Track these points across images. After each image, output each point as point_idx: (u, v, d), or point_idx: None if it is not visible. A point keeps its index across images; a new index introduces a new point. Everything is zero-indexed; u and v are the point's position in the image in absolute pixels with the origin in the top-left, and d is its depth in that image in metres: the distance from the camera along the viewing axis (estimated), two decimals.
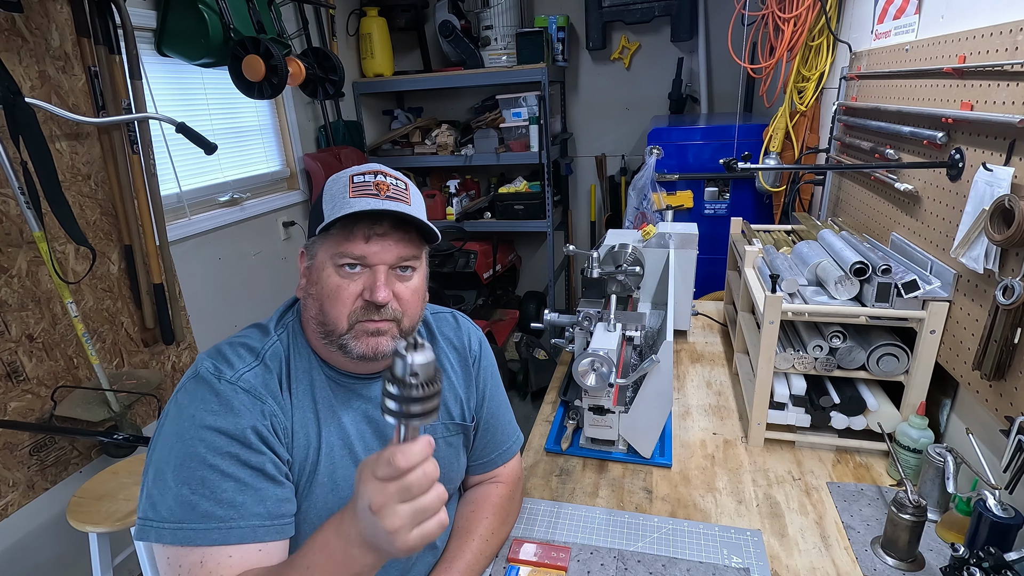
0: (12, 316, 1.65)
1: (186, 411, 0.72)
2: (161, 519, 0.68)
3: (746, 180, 2.51)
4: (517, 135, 3.13)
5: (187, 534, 0.68)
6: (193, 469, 0.69)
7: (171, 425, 0.72)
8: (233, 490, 0.70)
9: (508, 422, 1.03)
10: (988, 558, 0.76)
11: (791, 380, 1.22)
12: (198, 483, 0.69)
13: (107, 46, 1.83)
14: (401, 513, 0.55)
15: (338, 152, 2.96)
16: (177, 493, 0.68)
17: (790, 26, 1.94)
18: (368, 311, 0.77)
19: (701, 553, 0.95)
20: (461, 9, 3.20)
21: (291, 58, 2.28)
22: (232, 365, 0.76)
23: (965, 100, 1.04)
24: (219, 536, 0.68)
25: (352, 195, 0.76)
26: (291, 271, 2.86)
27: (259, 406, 0.75)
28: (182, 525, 0.68)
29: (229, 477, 0.70)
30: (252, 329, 0.84)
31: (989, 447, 0.99)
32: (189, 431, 0.70)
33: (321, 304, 0.78)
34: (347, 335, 0.78)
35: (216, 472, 0.70)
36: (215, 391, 0.73)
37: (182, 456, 0.70)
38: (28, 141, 1.48)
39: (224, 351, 0.79)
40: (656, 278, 1.65)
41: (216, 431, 0.71)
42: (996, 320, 0.90)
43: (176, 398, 0.74)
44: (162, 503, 0.69)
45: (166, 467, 0.70)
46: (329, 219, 0.75)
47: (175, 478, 0.69)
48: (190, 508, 0.68)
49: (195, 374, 0.75)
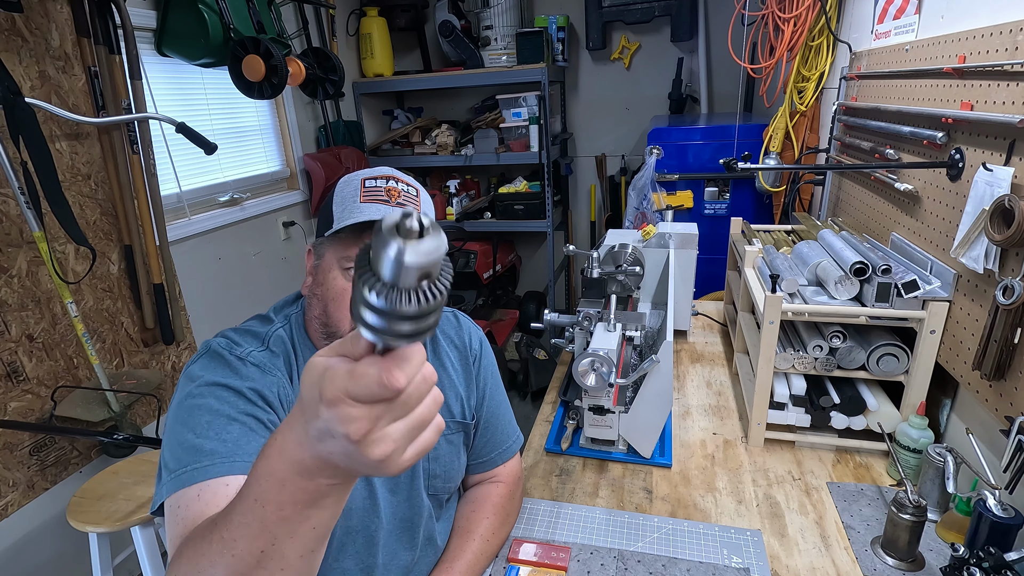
0: (12, 316, 1.65)
1: (196, 376, 0.74)
2: (171, 472, 0.67)
3: (746, 180, 2.51)
4: (517, 135, 3.13)
5: (191, 474, 0.67)
6: (199, 415, 0.70)
7: (181, 391, 0.74)
8: (238, 432, 0.71)
9: (508, 422, 1.03)
10: (988, 558, 0.76)
11: (791, 380, 1.22)
12: (203, 427, 0.70)
13: (107, 46, 1.83)
14: (393, 435, 0.39)
15: (338, 152, 2.96)
16: (183, 439, 0.69)
17: (790, 26, 1.94)
18: None
19: (701, 553, 0.95)
20: (461, 9, 3.20)
21: (291, 58, 2.28)
22: (241, 345, 0.79)
23: (965, 100, 1.04)
24: (223, 468, 0.67)
25: (363, 200, 0.77)
26: (291, 271, 2.86)
27: (267, 378, 0.77)
28: (187, 468, 0.67)
29: (235, 421, 0.71)
30: (253, 320, 0.86)
31: (989, 447, 0.99)
32: (198, 389, 0.72)
33: (326, 305, 0.79)
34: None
35: (222, 416, 0.71)
36: (226, 361, 0.75)
37: (190, 408, 0.71)
38: (28, 141, 1.48)
39: (229, 335, 0.80)
40: (656, 278, 1.65)
41: (224, 386, 0.73)
42: (996, 320, 0.90)
43: (188, 371, 0.76)
44: (170, 455, 0.69)
45: (174, 422, 0.71)
46: (339, 224, 0.76)
47: (182, 428, 0.70)
48: (195, 450, 0.68)
49: (207, 349, 0.77)
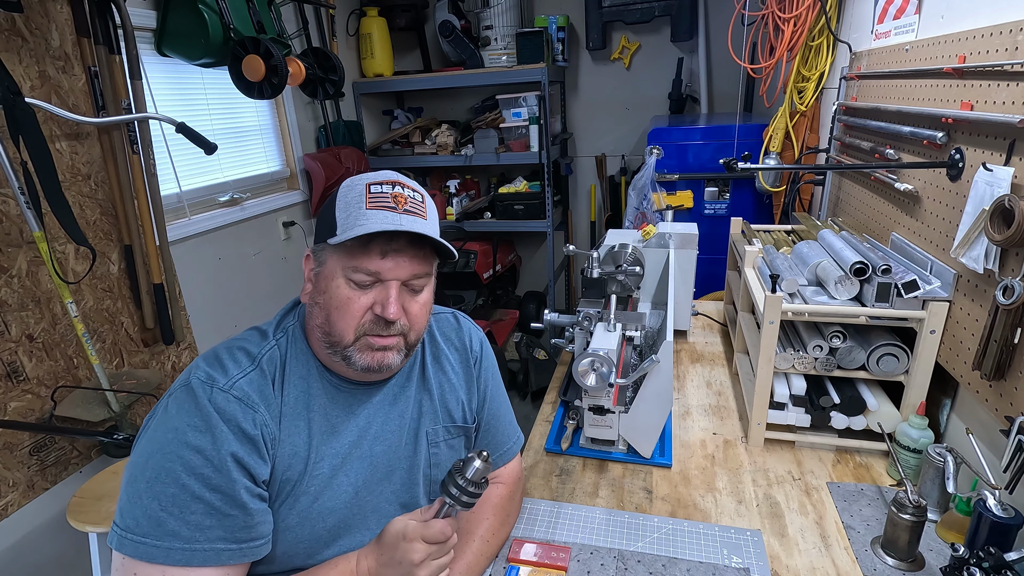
0: (12, 316, 1.65)
1: (171, 422, 0.71)
2: (127, 528, 0.68)
3: (746, 180, 2.51)
4: (517, 135, 3.13)
5: (149, 550, 0.67)
6: (166, 484, 0.68)
7: (154, 432, 0.71)
8: (202, 512, 0.69)
9: (509, 423, 1.03)
10: (988, 558, 0.76)
11: (791, 380, 1.22)
12: (168, 500, 0.68)
13: (107, 46, 1.83)
14: (433, 566, 0.77)
15: (338, 152, 2.96)
16: (147, 506, 0.68)
17: (790, 26, 1.94)
18: (377, 325, 0.77)
19: (701, 553, 0.95)
20: (461, 9, 3.20)
21: (291, 58, 2.28)
22: (227, 371, 0.75)
23: (965, 100, 1.04)
24: (182, 557, 0.68)
25: (369, 206, 0.74)
26: (291, 271, 2.86)
27: (250, 416, 0.73)
28: (145, 540, 0.67)
29: (199, 500, 0.69)
30: (252, 332, 0.84)
31: (989, 447, 0.99)
32: (170, 445, 0.70)
33: (328, 314, 0.77)
34: (352, 347, 0.77)
35: (188, 493, 0.69)
36: (199, 407, 0.71)
37: (157, 469, 0.69)
38: (28, 141, 1.48)
39: (221, 355, 0.78)
40: (656, 278, 1.65)
41: (195, 450, 0.69)
42: (996, 320, 0.90)
43: (166, 404, 0.73)
44: (130, 513, 0.68)
45: (140, 476, 0.69)
46: (345, 231, 0.73)
47: (147, 490, 0.68)
48: (157, 524, 0.68)
49: (186, 382, 0.74)
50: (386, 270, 0.76)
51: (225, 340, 0.82)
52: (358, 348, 0.78)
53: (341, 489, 0.82)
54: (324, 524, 0.81)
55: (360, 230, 0.72)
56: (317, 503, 0.80)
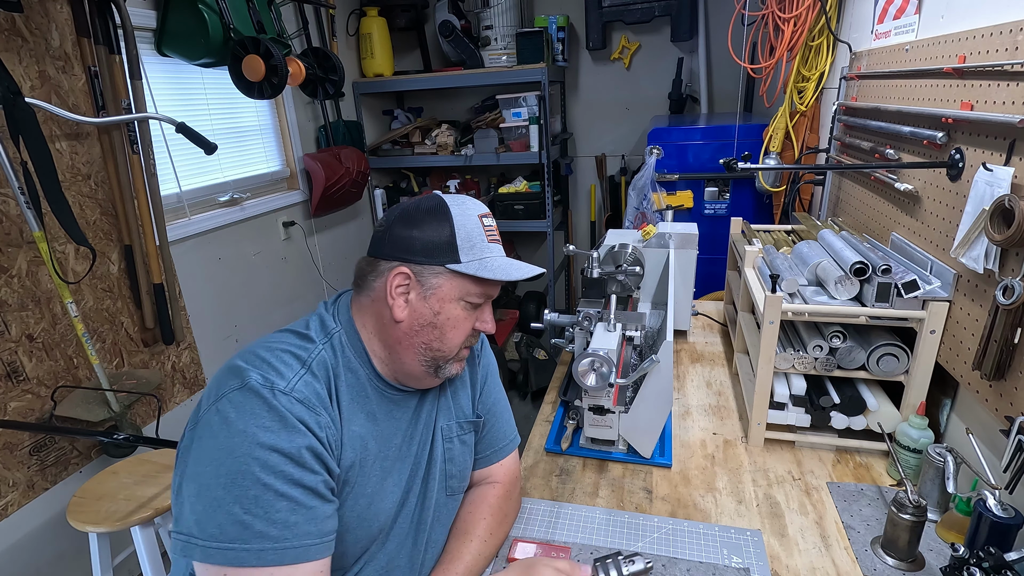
0: (12, 316, 1.65)
1: (236, 426, 0.68)
2: (209, 537, 0.66)
3: (746, 180, 2.51)
4: (517, 135, 3.13)
5: (239, 555, 0.66)
6: (246, 488, 0.66)
7: (219, 439, 0.68)
8: (287, 510, 0.68)
9: (506, 420, 1.04)
10: (988, 558, 0.76)
11: (791, 380, 1.22)
12: (251, 502, 0.66)
13: (107, 46, 1.83)
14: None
15: (338, 152, 2.96)
16: (228, 512, 0.66)
17: (790, 26, 1.94)
18: (473, 337, 0.87)
19: (701, 553, 0.95)
20: (461, 9, 3.20)
21: (291, 58, 2.28)
22: (282, 374, 0.73)
23: (965, 100, 1.04)
24: (273, 557, 0.67)
25: (488, 240, 0.83)
26: (291, 271, 2.86)
27: (314, 418, 0.73)
28: (233, 545, 0.66)
29: (283, 497, 0.68)
30: (287, 335, 0.81)
31: (989, 447, 0.99)
32: (242, 447, 0.67)
33: (443, 332, 0.82)
34: (452, 359, 0.85)
35: (270, 491, 0.67)
36: (268, 405, 0.69)
37: (233, 474, 0.66)
38: (28, 141, 1.48)
39: (266, 357, 0.75)
40: (656, 278, 1.65)
41: (271, 449, 0.68)
42: (996, 320, 0.90)
43: (220, 409, 0.69)
44: (210, 521, 0.66)
45: (213, 483, 0.67)
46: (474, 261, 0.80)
47: (226, 496, 0.66)
48: (242, 528, 0.66)
49: (243, 385, 0.71)
50: (494, 294, 0.86)
51: (254, 343, 0.79)
52: (455, 359, 0.86)
53: (390, 491, 0.84)
54: (378, 524, 0.82)
55: (502, 272, 0.80)
56: (372, 505, 0.81)
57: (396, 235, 0.81)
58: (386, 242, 0.81)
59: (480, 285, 0.82)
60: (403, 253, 0.80)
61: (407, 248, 0.80)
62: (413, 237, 0.80)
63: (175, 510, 0.70)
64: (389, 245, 0.81)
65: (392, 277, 0.80)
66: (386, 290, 0.80)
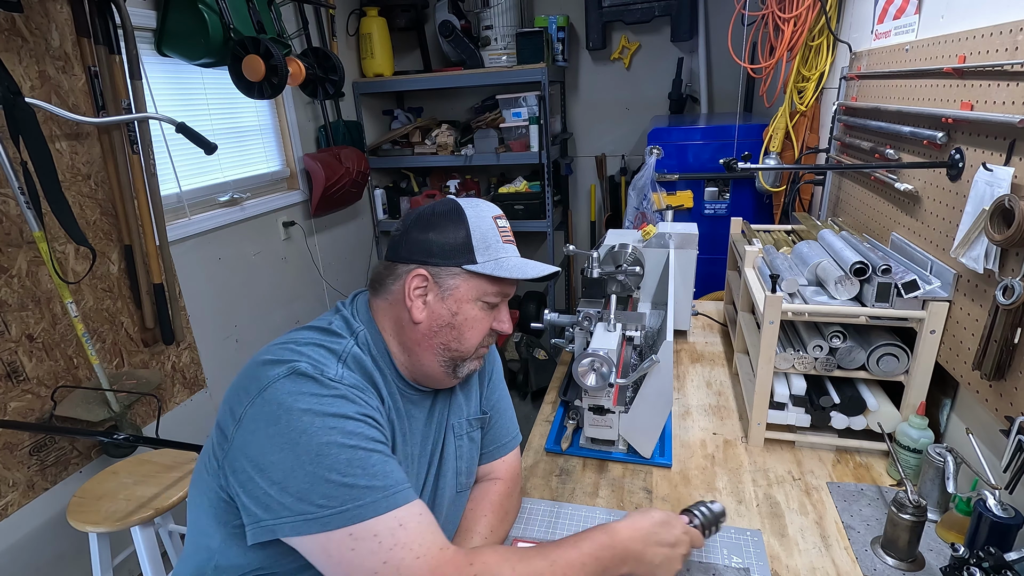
0: (12, 316, 1.65)
1: (297, 406, 0.69)
2: (320, 508, 0.67)
3: (746, 180, 2.51)
4: (517, 135, 3.13)
5: (357, 512, 0.67)
6: (335, 456, 0.68)
7: (280, 425, 0.69)
8: (380, 462, 0.71)
9: (509, 417, 1.05)
10: (988, 558, 0.76)
11: (791, 380, 1.22)
12: (346, 465, 0.68)
13: (107, 46, 1.83)
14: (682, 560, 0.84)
15: (338, 152, 2.96)
16: (328, 480, 0.67)
17: (790, 26, 1.94)
18: (490, 337, 0.88)
19: (701, 553, 0.95)
20: (461, 9, 3.20)
21: (291, 58, 2.28)
22: (326, 364, 0.74)
23: (965, 100, 1.04)
24: (387, 503, 0.69)
25: (503, 240, 0.84)
26: (291, 271, 2.86)
27: (367, 400, 0.76)
28: (347, 506, 0.67)
29: (372, 451, 0.71)
30: (312, 332, 0.81)
31: (989, 447, 0.99)
32: (313, 424, 0.68)
33: (462, 332, 0.83)
34: (470, 358, 0.87)
35: (359, 451, 0.69)
36: (324, 385, 0.71)
37: (315, 450, 0.68)
38: (28, 141, 1.48)
39: (302, 351, 0.75)
40: (656, 278, 1.65)
41: (342, 417, 0.70)
42: (996, 320, 0.90)
43: (271, 398, 0.70)
44: (314, 495, 0.67)
45: (297, 464, 0.67)
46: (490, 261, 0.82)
47: (318, 469, 0.67)
48: (348, 489, 0.68)
49: (292, 371, 0.71)
50: (510, 293, 0.88)
51: (275, 342, 0.79)
52: (473, 357, 0.87)
53: (417, 489, 0.85)
54: None
55: (518, 271, 0.82)
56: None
57: (413, 238, 0.83)
58: (403, 246, 0.83)
59: (496, 284, 0.83)
60: (420, 255, 0.82)
61: (424, 251, 0.82)
62: (430, 240, 0.82)
63: (251, 504, 0.70)
64: (406, 248, 0.83)
65: (410, 279, 0.81)
66: (404, 292, 0.82)
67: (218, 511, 0.75)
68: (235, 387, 0.75)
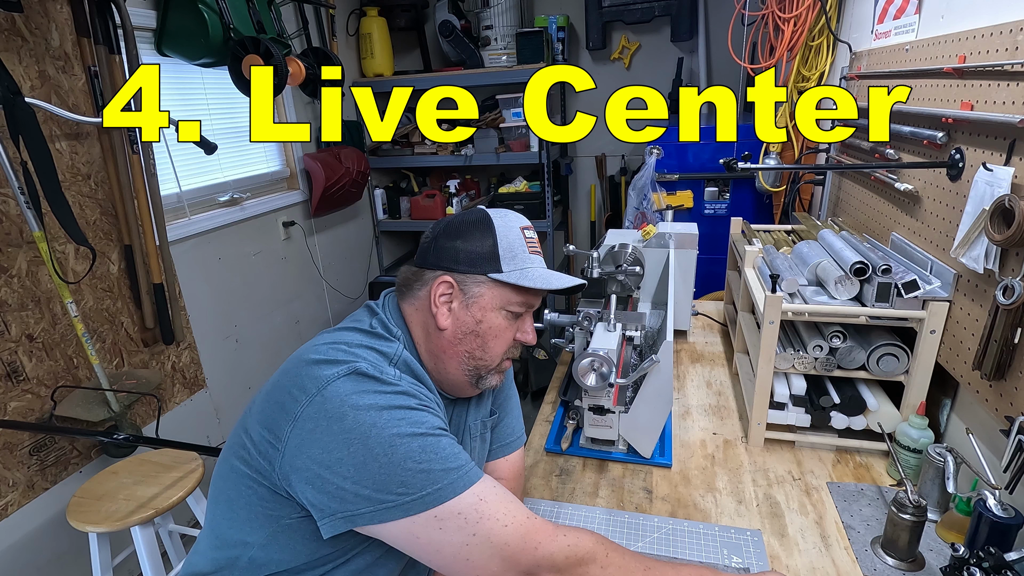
0: (12, 316, 1.65)
1: (363, 402, 0.70)
2: (400, 495, 0.69)
3: (746, 180, 2.51)
4: (517, 135, 3.13)
5: (437, 494, 0.69)
6: (408, 445, 0.69)
7: (346, 422, 0.69)
8: (449, 445, 0.73)
9: (515, 417, 1.05)
10: (988, 558, 0.76)
11: (791, 380, 1.22)
12: (419, 452, 0.70)
13: (107, 46, 1.83)
14: None
15: (338, 152, 2.96)
16: (404, 469, 0.69)
17: (790, 26, 1.94)
18: (515, 349, 0.89)
19: (701, 553, 0.95)
20: (461, 9, 3.20)
21: (291, 58, 2.28)
22: (382, 366, 0.76)
23: (965, 100, 1.04)
24: (463, 482, 0.71)
25: (530, 251, 0.85)
26: (291, 271, 2.86)
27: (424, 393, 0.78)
28: (427, 490, 0.69)
29: (440, 436, 0.73)
30: (356, 334, 0.82)
31: (989, 447, 0.99)
32: (380, 420, 0.70)
33: (485, 341, 0.84)
34: (494, 370, 0.87)
35: (429, 438, 0.71)
36: (385, 383, 0.73)
37: (387, 443, 0.69)
38: (28, 141, 1.48)
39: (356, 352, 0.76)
40: (656, 278, 1.65)
41: (405, 409, 0.72)
42: (996, 320, 0.90)
43: (332, 396, 0.70)
44: (391, 484, 0.68)
45: (370, 459, 0.68)
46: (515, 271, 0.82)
47: (393, 460, 0.69)
48: (426, 474, 0.69)
49: (352, 371, 0.73)
50: (535, 303, 0.88)
51: (318, 340, 0.80)
52: (496, 370, 0.87)
53: None
54: None
55: (542, 282, 0.82)
56: None
57: (441, 246, 0.84)
58: (431, 252, 0.84)
59: (521, 294, 0.84)
60: (447, 263, 0.83)
61: (451, 258, 0.83)
62: (457, 248, 0.83)
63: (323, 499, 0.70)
64: (434, 255, 0.84)
65: (436, 286, 0.83)
66: (430, 298, 0.83)
67: (265, 508, 0.75)
68: (280, 387, 0.75)
